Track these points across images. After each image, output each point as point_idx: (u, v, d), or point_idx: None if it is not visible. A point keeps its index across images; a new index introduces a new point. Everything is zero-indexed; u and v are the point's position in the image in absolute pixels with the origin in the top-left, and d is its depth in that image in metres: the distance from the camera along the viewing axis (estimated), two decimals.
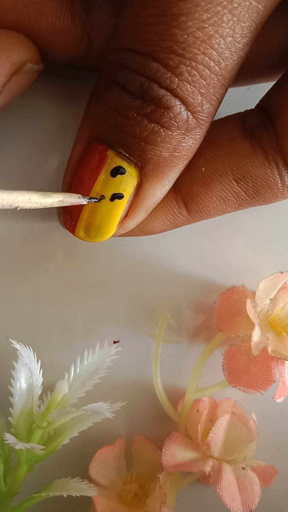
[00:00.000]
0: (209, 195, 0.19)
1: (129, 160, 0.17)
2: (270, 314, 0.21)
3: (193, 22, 0.15)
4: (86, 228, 0.18)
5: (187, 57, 0.15)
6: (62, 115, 0.22)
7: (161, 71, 0.15)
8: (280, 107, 0.18)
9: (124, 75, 0.16)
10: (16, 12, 0.18)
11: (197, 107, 0.16)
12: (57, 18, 0.18)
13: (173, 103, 0.16)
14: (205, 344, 0.23)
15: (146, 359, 0.23)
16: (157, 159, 0.17)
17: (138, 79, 0.16)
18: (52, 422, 0.19)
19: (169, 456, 0.20)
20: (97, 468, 0.21)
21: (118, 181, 0.17)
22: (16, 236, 0.22)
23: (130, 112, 0.16)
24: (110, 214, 0.18)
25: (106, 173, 0.17)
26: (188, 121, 0.16)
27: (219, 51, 0.15)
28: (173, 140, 0.16)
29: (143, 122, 0.16)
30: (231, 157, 0.18)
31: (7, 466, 0.20)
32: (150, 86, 0.15)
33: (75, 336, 0.23)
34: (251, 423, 0.21)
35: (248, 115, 0.19)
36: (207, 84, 0.16)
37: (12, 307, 0.22)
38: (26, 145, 0.22)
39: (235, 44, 0.15)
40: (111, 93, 0.16)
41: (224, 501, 0.19)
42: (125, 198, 0.18)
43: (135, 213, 0.18)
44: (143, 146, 0.16)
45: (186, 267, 0.23)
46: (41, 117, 0.22)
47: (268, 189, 0.19)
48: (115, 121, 0.16)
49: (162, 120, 0.16)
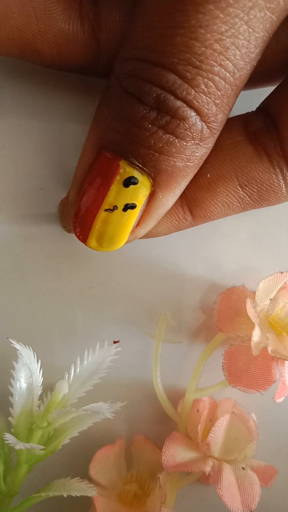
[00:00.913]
0: (214, 201, 0.19)
1: (142, 170, 0.17)
2: (270, 314, 0.21)
3: (211, 34, 0.15)
4: (99, 238, 0.18)
5: (204, 69, 0.15)
6: (62, 115, 0.22)
7: (178, 83, 0.15)
8: (282, 111, 0.18)
9: (139, 86, 0.16)
10: (24, 15, 0.17)
11: (212, 117, 0.16)
12: (66, 22, 0.18)
13: (189, 114, 0.16)
14: (205, 344, 0.23)
15: (146, 359, 0.23)
16: (171, 170, 0.17)
17: (154, 91, 0.15)
18: (52, 422, 0.19)
19: (169, 456, 0.20)
20: (97, 468, 0.21)
21: (130, 191, 0.17)
22: (16, 236, 0.22)
23: (145, 123, 0.16)
24: (123, 224, 0.18)
25: (118, 183, 0.17)
26: (202, 132, 0.16)
27: (234, 62, 0.15)
28: (187, 150, 0.16)
29: (158, 133, 0.16)
30: (236, 163, 0.19)
31: (7, 466, 0.20)
32: (166, 97, 0.15)
33: (75, 336, 0.23)
34: (251, 423, 0.21)
35: (250, 118, 0.19)
36: (222, 95, 0.16)
37: (12, 307, 0.22)
38: (26, 145, 0.22)
39: (249, 54, 0.15)
40: (125, 103, 0.16)
41: (224, 501, 0.19)
42: (137, 207, 0.17)
43: (147, 222, 0.18)
44: (157, 157, 0.16)
45: (186, 267, 0.23)
46: (41, 117, 0.22)
47: (273, 194, 0.19)
48: (128, 131, 0.16)
49: (178, 131, 0.16)
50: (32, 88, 0.22)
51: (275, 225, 0.24)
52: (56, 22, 0.18)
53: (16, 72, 0.22)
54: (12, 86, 0.22)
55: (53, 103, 0.22)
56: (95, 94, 0.22)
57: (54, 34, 0.18)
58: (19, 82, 0.22)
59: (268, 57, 0.19)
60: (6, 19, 0.17)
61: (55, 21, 0.18)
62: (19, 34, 0.18)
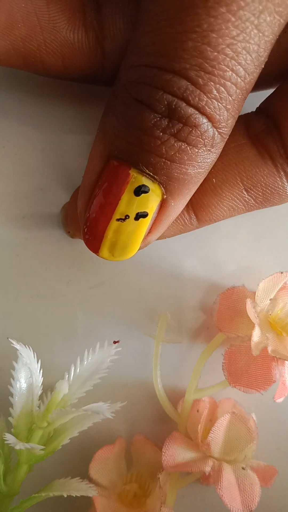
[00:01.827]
0: (220, 205, 0.19)
1: (153, 179, 0.16)
2: (270, 314, 0.21)
3: (223, 39, 0.14)
4: (111, 248, 0.18)
5: (217, 75, 0.15)
6: (62, 116, 0.22)
7: (190, 89, 0.15)
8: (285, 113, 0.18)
9: (149, 93, 0.15)
10: (29, 25, 0.17)
11: (223, 122, 0.16)
12: (71, 31, 0.18)
13: (201, 121, 0.15)
14: (205, 344, 0.23)
15: (146, 359, 0.23)
16: (183, 177, 0.16)
17: (165, 98, 0.15)
18: (52, 422, 0.19)
19: (169, 456, 0.20)
20: (97, 468, 0.21)
21: (142, 200, 0.17)
22: (16, 236, 0.22)
23: (156, 131, 0.16)
24: (135, 233, 0.17)
25: (129, 192, 0.17)
26: (214, 138, 0.16)
27: (245, 67, 0.15)
28: (199, 157, 0.16)
29: (169, 141, 0.16)
30: (241, 167, 0.18)
31: (7, 466, 0.20)
32: (178, 105, 0.15)
33: (75, 336, 0.23)
34: (251, 423, 0.21)
35: (251, 119, 0.19)
36: (233, 100, 0.16)
37: (12, 307, 0.22)
38: (26, 146, 0.22)
39: (259, 58, 0.15)
40: (134, 111, 0.16)
41: (224, 501, 0.19)
42: (149, 216, 0.17)
43: (158, 229, 0.18)
44: (169, 165, 0.16)
45: (186, 267, 0.23)
46: (41, 118, 0.22)
47: (277, 196, 0.19)
48: (138, 140, 0.16)
49: (190, 139, 0.16)
50: (32, 89, 0.22)
51: (275, 225, 0.24)
52: (61, 32, 0.18)
53: (17, 73, 0.22)
54: (13, 87, 0.22)
55: (53, 103, 0.22)
56: (95, 95, 0.22)
57: (59, 43, 0.18)
58: (19, 83, 0.22)
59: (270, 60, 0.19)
60: (11, 29, 0.17)
61: (59, 30, 0.18)
62: (24, 44, 0.18)
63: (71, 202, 0.21)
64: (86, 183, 0.18)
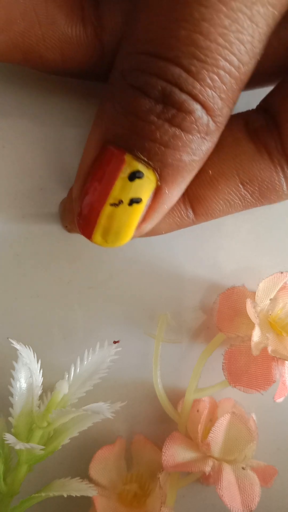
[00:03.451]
0: (216, 198, 0.19)
1: (147, 164, 0.17)
2: (270, 314, 0.21)
3: (215, 28, 0.15)
4: (104, 234, 0.18)
5: (209, 63, 0.15)
6: (62, 115, 0.22)
7: (183, 76, 0.15)
8: (284, 109, 0.18)
9: (144, 79, 0.16)
10: (27, 21, 0.17)
11: (217, 111, 0.16)
12: (69, 26, 0.18)
13: (195, 107, 0.16)
14: (205, 344, 0.23)
15: (146, 359, 0.23)
16: (177, 164, 0.17)
17: (159, 84, 0.15)
18: (52, 422, 0.19)
19: (169, 456, 0.20)
20: (97, 468, 0.21)
21: (136, 185, 0.17)
22: (16, 236, 0.22)
23: (151, 117, 0.16)
24: (128, 219, 0.17)
25: (123, 177, 0.17)
26: (208, 125, 0.16)
27: (239, 57, 0.15)
28: (193, 144, 0.16)
29: (164, 127, 0.16)
30: (238, 160, 0.18)
31: (7, 466, 0.20)
32: (172, 90, 0.15)
33: (75, 336, 0.23)
34: (251, 423, 0.21)
35: (250, 115, 0.19)
36: (227, 89, 0.16)
37: (12, 307, 0.22)
38: (26, 145, 0.22)
39: (253, 49, 0.16)
40: (130, 97, 0.16)
41: (224, 501, 0.19)
42: (143, 202, 0.17)
43: (152, 217, 0.18)
44: (163, 151, 0.16)
45: (186, 267, 0.23)
46: (41, 118, 0.22)
47: (273, 192, 0.19)
48: (133, 125, 0.16)
49: (184, 125, 0.16)
50: (32, 89, 0.22)
51: (275, 225, 0.24)
52: (59, 27, 0.18)
53: (17, 73, 0.22)
54: (13, 87, 0.22)
55: (53, 103, 0.22)
56: (96, 95, 0.22)
57: (58, 38, 0.18)
58: (19, 83, 0.22)
59: (270, 56, 0.19)
60: (10, 25, 0.17)
61: (58, 25, 0.18)
62: (23, 40, 0.18)
63: (68, 197, 0.21)
64: (81, 169, 0.18)
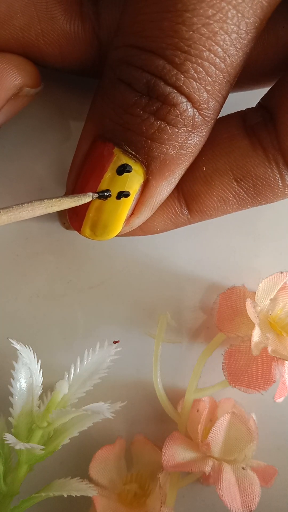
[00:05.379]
0: (210, 195, 0.19)
1: (135, 158, 0.17)
2: (270, 314, 0.21)
3: (198, 18, 0.15)
4: (93, 227, 0.18)
5: (193, 54, 0.15)
6: (62, 115, 0.22)
7: (167, 68, 0.15)
8: (281, 105, 0.18)
9: (130, 72, 0.16)
10: (27, 16, 0.18)
11: (203, 104, 0.16)
12: (68, 22, 0.18)
13: (179, 100, 0.16)
14: (205, 344, 0.23)
15: (146, 359, 0.23)
16: (164, 157, 0.17)
17: (144, 76, 0.15)
18: (52, 422, 0.19)
19: (169, 456, 0.20)
20: (97, 468, 0.21)
21: (124, 179, 0.17)
22: (16, 236, 0.22)
23: (136, 110, 0.16)
24: (117, 212, 0.18)
25: (112, 171, 0.17)
26: (194, 118, 0.16)
27: (224, 47, 0.15)
28: (179, 137, 0.16)
29: (149, 120, 0.16)
30: (231, 156, 0.18)
31: (7, 466, 0.20)
32: (156, 83, 0.15)
33: (75, 336, 0.23)
34: (251, 423, 0.21)
35: (249, 113, 0.19)
36: (213, 81, 0.16)
37: (12, 307, 0.22)
38: (26, 145, 0.22)
39: (240, 40, 0.15)
40: (117, 90, 0.16)
41: (224, 501, 0.19)
42: (131, 196, 0.17)
43: (141, 211, 0.18)
44: (149, 144, 0.16)
45: (186, 267, 0.23)
46: (41, 118, 0.22)
47: (269, 189, 0.19)
48: (121, 119, 0.16)
49: (169, 118, 0.16)
50: None
51: (275, 225, 0.24)
52: (58, 22, 0.18)
53: None
54: None
55: (53, 103, 0.22)
56: None
57: (56, 34, 0.18)
58: None
59: (269, 55, 0.19)
60: (10, 19, 0.18)
61: (57, 21, 0.18)
62: (22, 34, 0.18)
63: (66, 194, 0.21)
64: (74, 163, 0.18)
